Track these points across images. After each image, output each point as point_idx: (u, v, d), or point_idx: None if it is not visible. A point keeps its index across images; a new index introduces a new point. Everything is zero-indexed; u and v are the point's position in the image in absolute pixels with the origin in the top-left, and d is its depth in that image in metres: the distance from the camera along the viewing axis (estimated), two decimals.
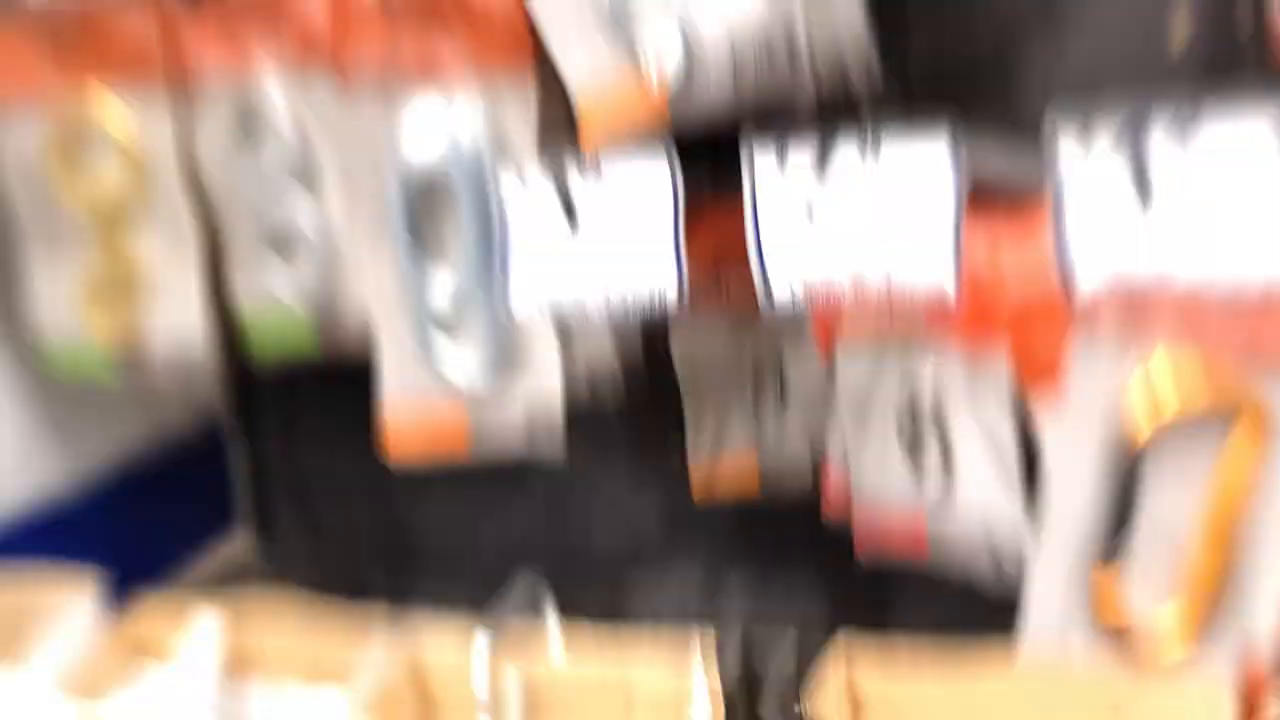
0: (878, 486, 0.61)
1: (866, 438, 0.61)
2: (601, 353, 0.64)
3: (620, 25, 0.49)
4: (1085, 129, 0.39)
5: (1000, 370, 0.54)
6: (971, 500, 0.58)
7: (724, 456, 0.70)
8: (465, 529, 0.81)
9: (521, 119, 0.55)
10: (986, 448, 0.57)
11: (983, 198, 0.50)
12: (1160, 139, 0.38)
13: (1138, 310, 0.45)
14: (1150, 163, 0.38)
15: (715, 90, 0.49)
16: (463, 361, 0.62)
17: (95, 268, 0.67)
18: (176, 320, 0.66)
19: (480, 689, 0.59)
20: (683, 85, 0.49)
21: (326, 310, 0.64)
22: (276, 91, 0.62)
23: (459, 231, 0.59)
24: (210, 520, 0.88)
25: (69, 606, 0.63)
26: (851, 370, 0.60)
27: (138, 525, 0.82)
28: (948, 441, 0.58)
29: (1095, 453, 0.51)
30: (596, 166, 0.52)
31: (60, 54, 0.63)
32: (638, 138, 0.51)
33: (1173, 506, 0.51)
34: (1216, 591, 0.50)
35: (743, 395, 0.69)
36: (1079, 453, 0.51)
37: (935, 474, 0.59)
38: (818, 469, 0.66)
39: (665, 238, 0.54)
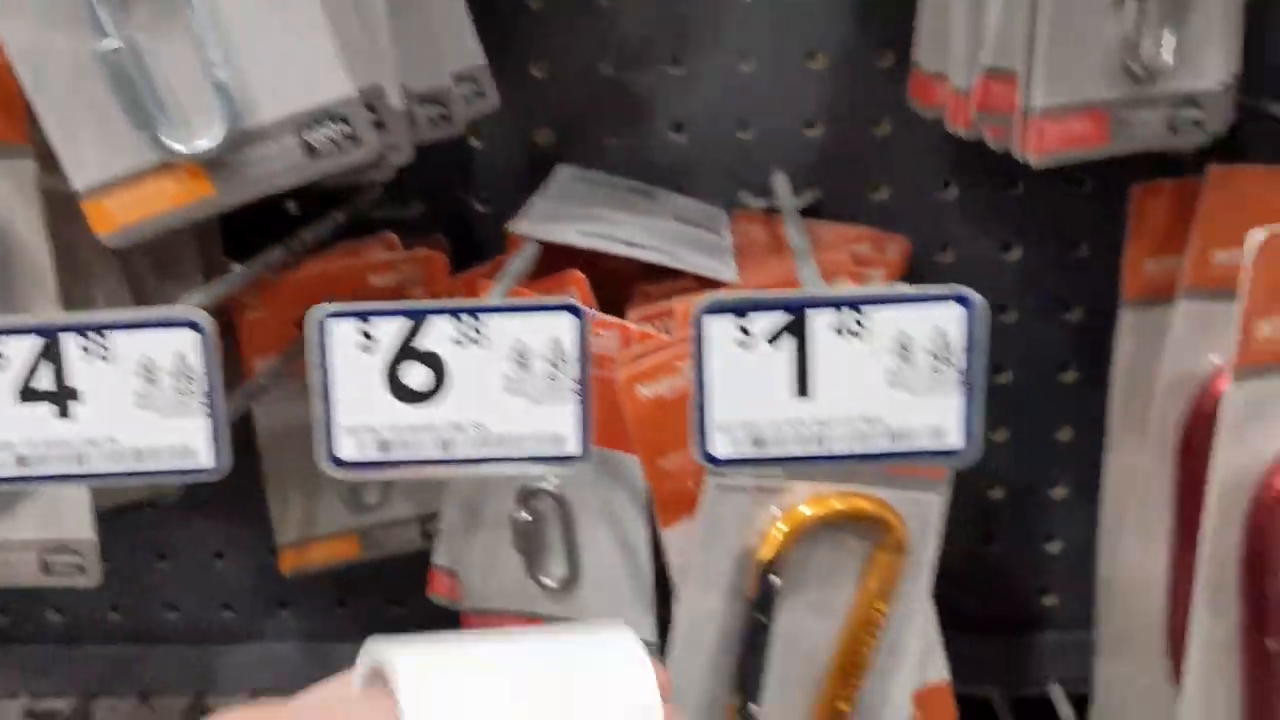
0: (487, 586, 0.54)
1: (476, 534, 0.53)
2: None
3: (139, 108, 0.39)
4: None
5: (634, 475, 0.48)
6: (598, 607, 0.52)
7: (316, 535, 0.60)
8: None
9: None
10: (617, 553, 0.51)
11: None
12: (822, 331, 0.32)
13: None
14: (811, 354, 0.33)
15: (275, 164, 0.39)
16: None
17: None
18: None
19: None
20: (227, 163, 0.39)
21: None
22: None
23: None
24: None
25: None
26: None
27: None
28: (574, 543, 0.51)
29: (726, 578, 0.45)
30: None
31: None
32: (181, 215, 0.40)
33: (806, 627, 0.46)
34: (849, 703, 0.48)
35: None
36: (709, 580, 0.45)
37: (557, 577, 0.52)
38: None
39: None
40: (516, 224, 0.51)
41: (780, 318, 0.34)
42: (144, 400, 0.35)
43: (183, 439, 0.36)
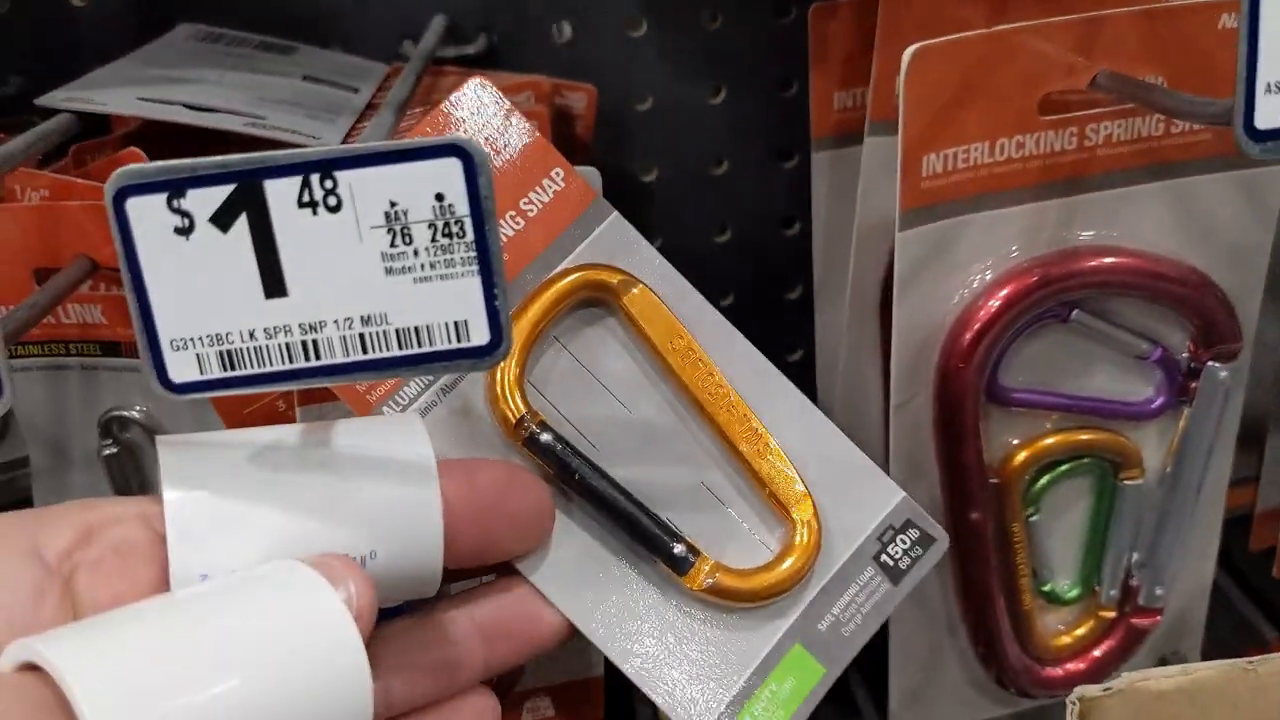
0: None
1: (69, 476, 0.45)
2: None
3: None
4: None
5: None
6: None
7: None
8: None
9: None
10: None
11: None
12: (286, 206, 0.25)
13: None
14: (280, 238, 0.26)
15: None
16: None
17: None
18: None
19: None
20: None
21: None
22: None
23: None
24: None
25: None
26: None
27: None
28: None
29: None
30: None
31: None
32: None
33: None
34: None
35: None
36: None
37: None
38: None
39: None
40: (52, 95, 0.42)
41: (224, 192, 0.25)
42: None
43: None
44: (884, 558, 0.39)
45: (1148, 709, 0.36)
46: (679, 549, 0.37)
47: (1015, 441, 0.45)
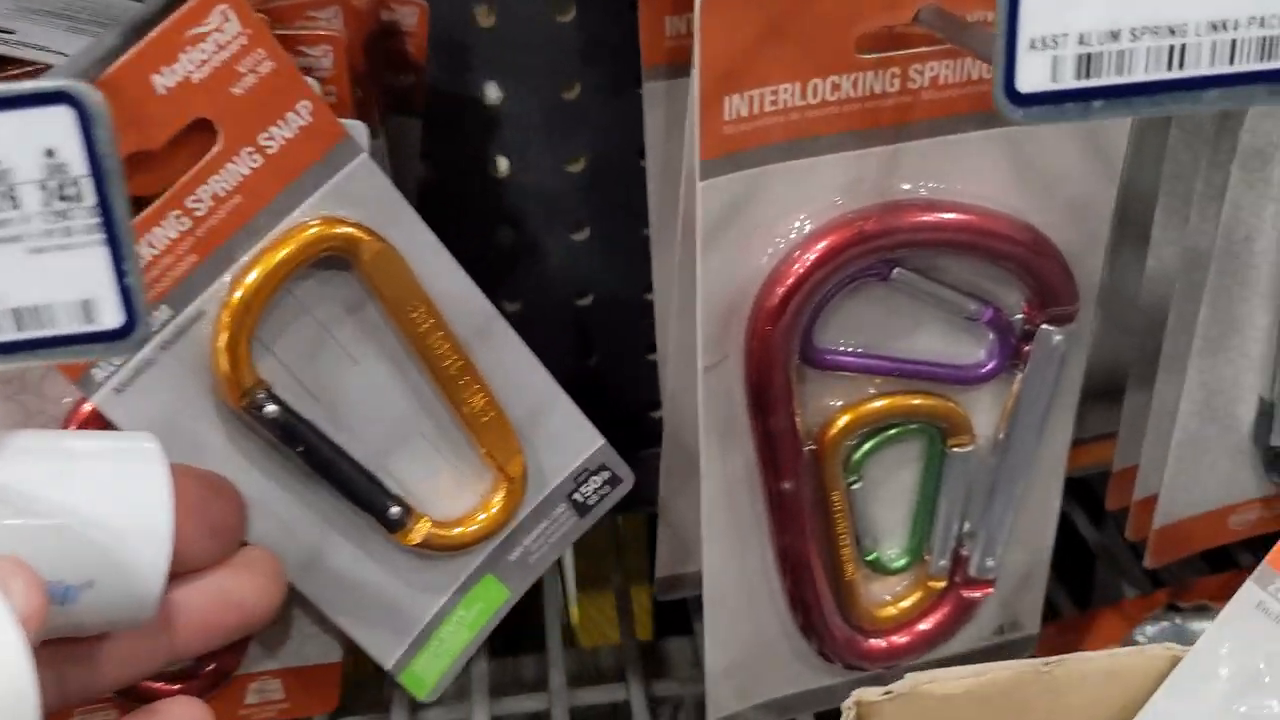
0: None
1: None
2: None
3: None
4: None
5: None
6: None
7: None
8: None
9: None
10: None
11: None
12: None
13: None
14: None
15: None
16: None
17: None
18: None
19: None
20: None
21: None
22: None
23: None
24: None
25: None
26: None
27: None
28: None
29: None
30: None
31: None
32: None
33: None
34: None
35: None
36: None
37: None
38: None
39: None
40: None
41: None
42: None
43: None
44: (576, 495, 0.42)
45: (932, 713, 0.33)
46: (394, 510, 0.38)
47: (837, 405, 0.42)
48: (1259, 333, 0.48)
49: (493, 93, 0.56)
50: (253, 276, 0.33)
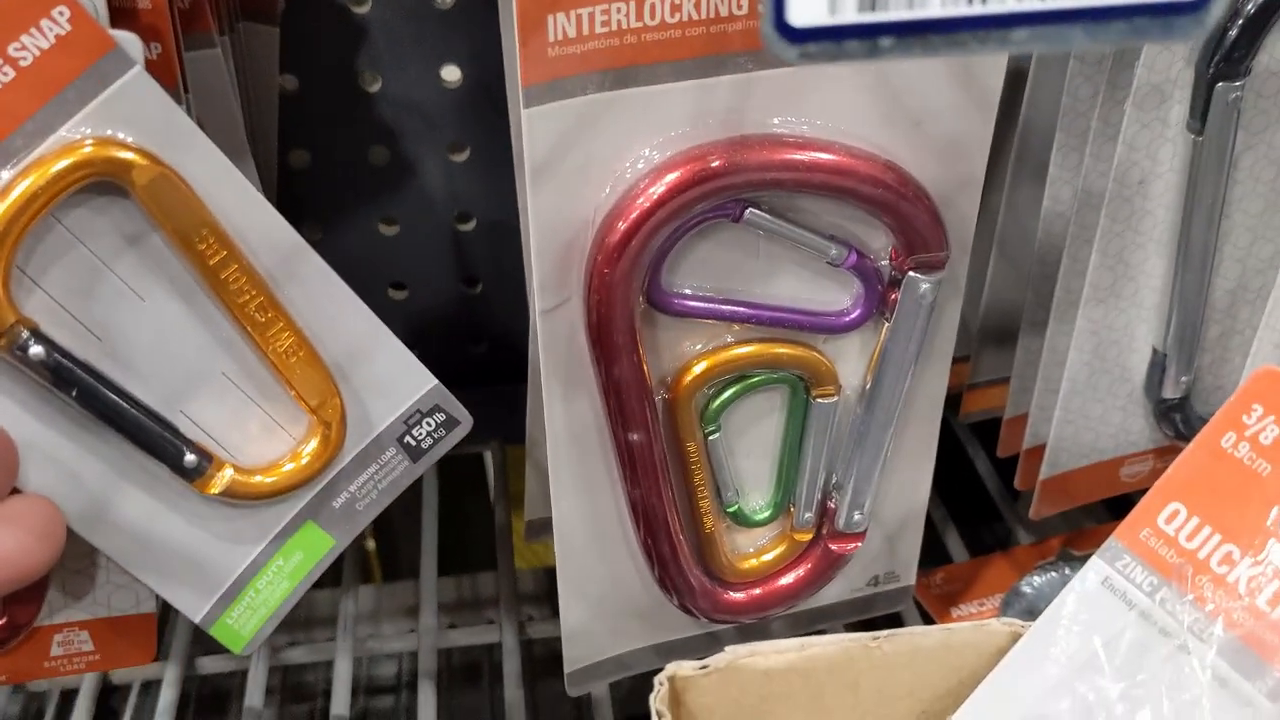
0: None
1: None
2: None
3: None
4: None
5: None
6: None
7: None
8: None
9: None
10: None
11: None
12: None
13: None
14: None
15: None
16: None
17: None
18: None
19: None
20: None
21: None
22: None
23: None
24: None
25: None
26: None
27: None
28: None
29: None
30: None
31: None
32: None
33: None
34: None
35: None
36: None
37: None
38: None
39: None
40: None
41: None
42: None
43: None
44: (408, 439, 0.39)
45: (753, 688, 0.31)
46: (190, 458, 0.35)
47: (692, 352, 0.40)
48: (1154, 281, 0.46)
49: (360, 2, 0.53)
50: (3, 205, 0.29)
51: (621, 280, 0.36)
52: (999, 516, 0.62)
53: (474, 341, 0.63)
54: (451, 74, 0.55)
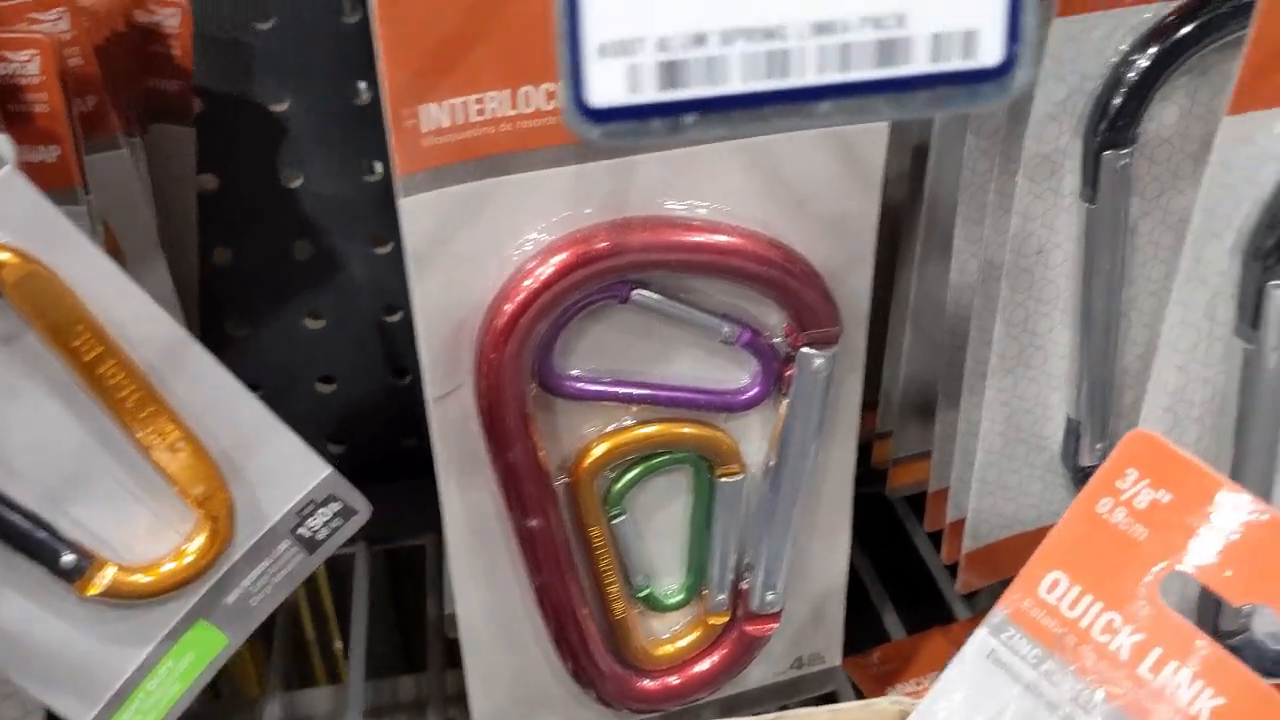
0: None
1: None
2: None
3: None
4: None
5: None
6: None
7: None
8: None
9: None
10: None
11: None
12: None
13: None
14: None
15: None
16: None
17: None
18: None
19: None
20: None
21: None
22: None
23: None
24: None
25: None
26: None
27: None
28: None
29: None
30: None
31: None
32: None
33: None
34: None
35: None
36: None
37: None
38: None
39: None
40: None
41: None
42: None
43: None
44: (302, 530, 0.38)
45: None
46: (68, 558, 0.35)
47: (595, 433, 0.39)
48: (1062, 349, 0.46)
49: (277, 99, 0.53)
50: None
51: (510, 364, 0.36)
52: (938, 592, 0.62)
53: (405, 433, 0.63)
54: (372, 168, 0.56)
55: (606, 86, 0.19)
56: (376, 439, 0.64)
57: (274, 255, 0.57)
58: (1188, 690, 0.28)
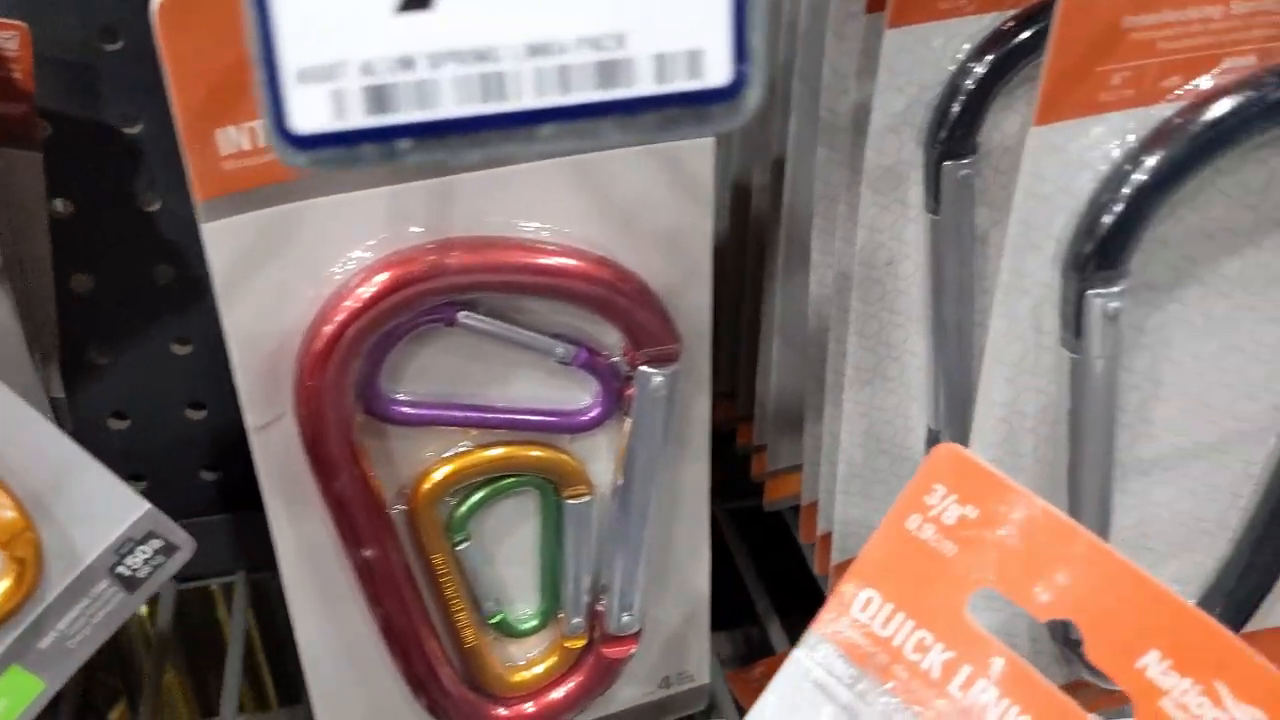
0: None
1: None
2: None
3: None
4: None
5: None
6: None
7: None
8: None
9: None
10: None
11: None
12: None
13: None
14: None
15: None
16: None
17: None
18: None
19: None
20: None
21: None
22: None
23: None
24: None
25: None
26: None
27: None
28: None
29: None
30: None
31: None
32: None
33: None
34: None
35: None
36: None
37: None
38: None
39: None
40: None
41: None
42: None
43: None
44: (120, 569, 0.37)
45: None
46: None
47: (433, 458, 0.39)
48: (918, 360, 0.46)
49: (129, 121, 0.52)
50: None
51: (330, 390, 0.35)
52: (823, 604, 0.61)
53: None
54: None
55: (310, 113, 0.18)
56: (252, 465, 0.63)
57: (135, 280, 0.56)
58: (996, 708, 0.28)
